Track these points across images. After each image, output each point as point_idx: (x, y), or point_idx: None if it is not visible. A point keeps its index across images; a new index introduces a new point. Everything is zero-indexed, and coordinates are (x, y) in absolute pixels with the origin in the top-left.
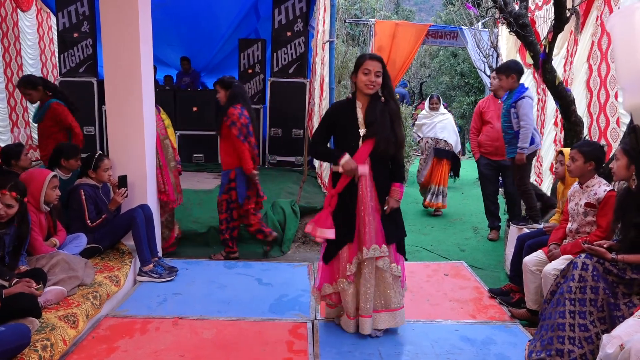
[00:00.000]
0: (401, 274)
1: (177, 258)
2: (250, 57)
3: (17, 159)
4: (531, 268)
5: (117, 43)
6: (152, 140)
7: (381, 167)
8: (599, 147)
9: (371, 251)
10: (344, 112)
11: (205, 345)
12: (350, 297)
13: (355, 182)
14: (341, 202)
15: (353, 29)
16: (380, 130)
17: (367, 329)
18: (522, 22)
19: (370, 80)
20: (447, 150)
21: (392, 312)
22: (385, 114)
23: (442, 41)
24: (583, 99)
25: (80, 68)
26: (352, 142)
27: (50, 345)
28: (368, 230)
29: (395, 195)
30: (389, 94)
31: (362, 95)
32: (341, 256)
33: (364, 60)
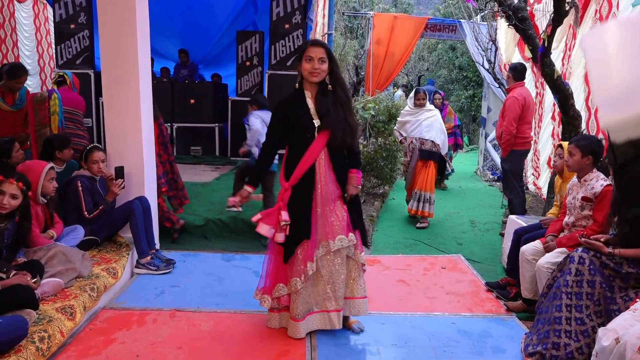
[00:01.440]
0: (364, 261)
1: (175, 250)
2: (248, 49)
3: (8, 156)
4: (528, 257)
5: (114, 34)
6: (149, 131)
7: (339, 156)
8: (597, 141)
9: (337, 242)
10: (294, 104)
11: (203, 337)
12: (303, 297)
13: (312, 174)
14: (296, 196)
15: (351, 21)
16: (335, 122)
17: (338, 323)
18: (521, 16)
19: (313, 67)
20: (434, 152)
21: (352, 300)
22: (336, 103)
23: (441, 34)
24: (581, 92)
25: (77, 60)
26: (307, 134)
27: (47, 337)
28: (332, 221)
29: (354, 181)
30: (336, 82)
31: (309, 84)
32: (295, 254)
33: (307, 47)
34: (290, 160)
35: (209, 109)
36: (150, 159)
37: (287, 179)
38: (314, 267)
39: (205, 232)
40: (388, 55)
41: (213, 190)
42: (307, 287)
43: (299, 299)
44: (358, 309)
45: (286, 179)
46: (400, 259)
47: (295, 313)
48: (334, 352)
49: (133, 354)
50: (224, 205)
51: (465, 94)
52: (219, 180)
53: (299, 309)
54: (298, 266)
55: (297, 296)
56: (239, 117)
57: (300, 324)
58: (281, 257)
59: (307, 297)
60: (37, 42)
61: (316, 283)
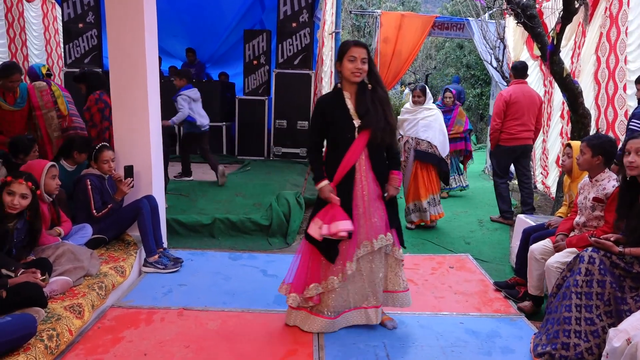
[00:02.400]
0: (403, 257)
1: (182, 249)
2: (256, 48)
3: (27, 154)
4: (537, 256)
5: (122, 33)
6: (157, 130)
7: (378, 156)
8: (608, 141)
9: (379, 241)
10: (333, 105)
11: (210, 336)
12: (340, 295)
13: (352, 174)
14: (339, 195)
15: (359, 20)
16: (375, 120)
17: (376, 318)
18: (529, 13)
19: (356, 67)
20: (431, 154)
21: (396, 294)
22: (375, 102)
23: (449, 33)
24: (591, 91)
25: (86, 58)
26: (347, 134)
27: (56, 335)
28: (374, 222)
29: (395, 182)
30: (376, 82)
31: (349, 84)
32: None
33: (349, 47)
34: (332, 160)
35: (216, 107)
36: (158, 158)
37: (330, 179)
38: (354, 267)
39: (212, 231)
40: (395, 53)
41: (220, 189)
42: (344, 285)
43: (335, 297)
44: (401, 302)
45: (330, 179)
46: (408, 258)
47: (329, 311)
48: (341, 351)
49: (141, 353)
50: (231, 204)
51: (473, 92)
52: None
53: (333, 305)
54: (336, 265)
55: (332, 294)
56: (246, 116)
57: (330, 321)
58: (316, 257)
59: (345, 295)
60: (45, 41)
61: (355, 281)
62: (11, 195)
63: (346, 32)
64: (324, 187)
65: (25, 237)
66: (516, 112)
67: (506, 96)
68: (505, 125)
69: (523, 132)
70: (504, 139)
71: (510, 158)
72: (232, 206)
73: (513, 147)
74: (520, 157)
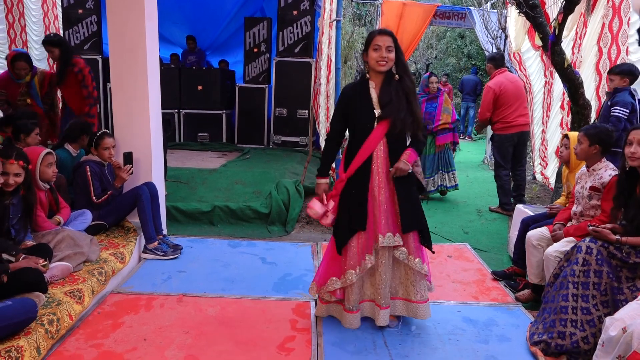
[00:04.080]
0: (425, 270)
1: (182, 236)
2: (256, 35)
3: (27, 134)
4: (533, 242)
5: (122, 20)
6: (157, 117)
7: (398, 148)
8: (605, 130)
9: (386, 239)
10: (357, 94)
11: (209, 322)
12: (357, 289)
13: (369, 165)
14: (352, 186)
15: (360, 8)
16: (396, 110)
17: (384, 320)
18: (531, 3)
19: (381, 56)
20: None
21: (410, 303)
22: (399, 92)
23: (450, 22)
24: (592, 82)
25: (85, 45)
26: (367, 124)
27: (56, 320)
28: (385, 216)
29: (405, 157)
30: (403, 71)
31: (375, 74)
32: (350, 246)
33: (374, 36)
34: (350, 150)
35: (216, 95)
36: (157, 145)
37: (345, 169)
38: (373, 260)
39: (212, 219)
40: None
41: (220, 177)
42: (362, 277)
43: (354, 290)
44: (415, 312)
45: (345, 169)
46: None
47: (351, 305)
48: (339, 338)
49: (140, 338)
50: (230, 192)
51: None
52: (226, 166)
53: (353, 299)
54: (353, 259)
55: (351, 288)
56: (246, 104)
57: (355, 315)
58: (335, 250)
59: (360, 287)
60: (45, 27)
61: (372, 274)
62: (5, 175)
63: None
64: (322, 184)
65: (22, 213)
66: (507, 100)
67: (495, 88)
68: (500, 115)
69: (518, 117)
70: (501, 128)
71: (510, 146)
72: (232, 194)
73: (511, 134)
74: (518, 144)
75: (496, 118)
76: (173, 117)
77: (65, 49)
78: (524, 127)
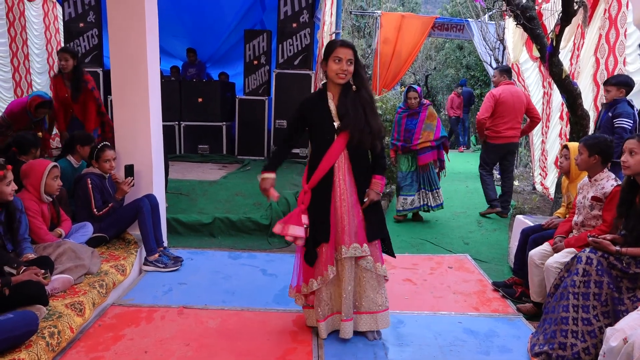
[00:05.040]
0: (387, 273)
1: (182, 248)
2: (256, 48)
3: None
4: (537, 262)
5: (123, 33)
6: (158, 130)
7: (360, 160)
8: (604, 140)
9: (351, 250)
10: (315, 105)
11: (210, 334)
12: (324, 299)
13: (331, 177)
14: (315, 198)
15: (359, 20)
16: (354, 122)
17: (348, 332)
18: (529, 15)
19: (342, 69)
20: None
21: (374, 314)
22: (357, 104)
23: (448, 34)
24: (590, 92)
25: (86, 58)
26: (327, 136)
27: (57, 333)
28: (347, 228)
29: (376, 187)
30: (360, 83)
31: (334, 85)
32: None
33: (335, 47)
34: (312, 162)
35: (216, 107)
36: (158, 157)
37: (308, 180)
38: (335, 271)
39: (212, 230)
40: (395, 54)
41: (220, 189)
42: (327, 288)
43: (321, 299)
44: (381, 322)
45: (307, 181)
46: (407, 258)
47: (318, 313)
48: (340, 350)
49: (141, 350)
50: (230, 204)
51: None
52: (226, 178)
53: (320, 309)
54: (317, 268)
55: (318, 297)
56: (246, 116)
57: (322, 324)
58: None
59: (327, 299)
60: (46, 40)
61: (337, 285)
62: (7, 185)
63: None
64: (266, 178)
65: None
66: (503, 111)
67: (496, 94)
68: (493, 123)
69: (508, 130)
70: (492, 137)
71: (497, 155)
72: (232, 206)
73: (500, 145)
74: (507, 154)
75: (488, 125)
76: (173, 129)
77: (79, 63)
78: (511, 139)
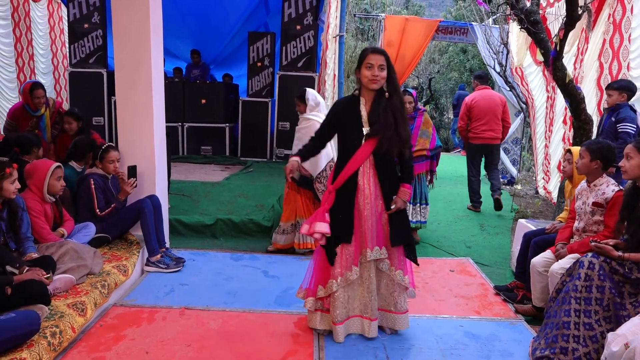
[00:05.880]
0: (406, 282)
1: (185, 249)
2: (260, 50)
3: (27, 153)
4: (539, 269)
5: (128, 34)
6: (161, 131)
7: (386, 166)
8: (607, 146)
9: (374, 253)
10: (348, 110)
11: (211, 335)
12: (342, 301)
13: (355, 180)
14: (339, 199)
15: (363, 23)
16: (383, 129)
17: (374, 331)
18: (533, 19)
19: (373, 74)
20: (304, 179)
21: (389, 314)
22: (388, 111)
23: (452, 37)
24: (593, 97)
25: (90, 59)
26: (355, 141)
27: (59, 332)
28: (371, 232)
29: (404, 195)
30: (393, 90)
31: (367, 91)
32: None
33: (367, 54)
34: (339, 164)
35: (220, 109)
36: (161, 158)
37: (333, 181)
38: (358, 272)
39: (214, 232)
40: (399, 57)
41: (223, 190)
42: (347, 290)
43: (338, 302)
44: (394, 323)
45: (332, 182)
46: (409, 261)
47: (335, 316)
48: (341, 352)
49: (143, 351)
50: (233, 205)
51: None
52: (228, 180)
53: (338, 312)
54: (336, 269)
55: (335, 299)
56: (249, 118)
57: (339, 328)
58: (323, 260)
59: (345, 301)
60: (51, 41)
61: (356, 288)
62: (12, 183)
63: (350, 35)
64: (294, 160)
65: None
66: (478, 113)
67: (468, 101)
68: (472, 126)
69: (486, 131)
70: (472, 138)
71: (479, 154)
72: (234, 207)
73: (480, 145)
74: (488, 154)
75: (469, 127)
76: (176, 130)
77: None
78: (490, 141)
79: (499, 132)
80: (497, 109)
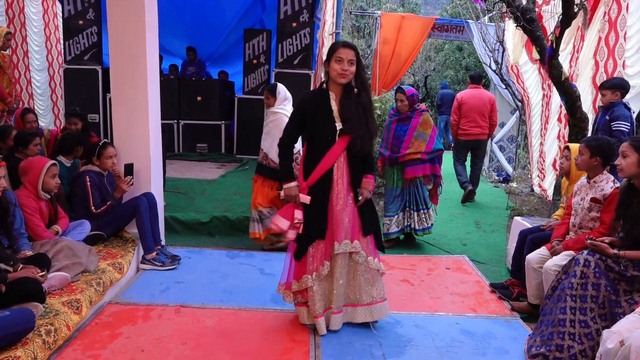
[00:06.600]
0: (381, 267)
1: (180, 247)
2: (255, 47)
3: (25, 147)
4: (534, 266)
5: (123, 30)
6: (157, 128)
7: (356, 160)
8: (607, 142)
9: (342, 246)
10: (317, 104)
11: (207, 333)
12: (319, 294)
13: (330, 176)
14: (313, 196)
15: (359, 21)
16: (357, 127)
17: (337, 324)
18: (529, 17)
19: (342, 68)
20: (264, 165)
21: (369, 306)
22: (359, 108)
23: (448, 35)
24: (589, 95)
25: (85, 55)
26: (328, 137)
27: (54, 330)
28: (342, 225)
29: (368, 186)
30: (362, 86)
31: (335, 85)
32: (308, 253)
33: (337, 47)
34: (310, 160)
35: (215, 106)
36: (157, 156)
37: (305, 178)
38: (329, 266)
39: (210, 229)
40: (395, 55)
41: (219, 187)
42: (321, 284)
43: (316, 296)
44: (380, 313)
45: (304, 179)
46: (405, 259)
47: (314, 310)
48: (337, 350)
49: (138, 349)
50: (229, 203)
51: None
52: (224, 177)
53: (317, 305)
54: (310, 264)
55: (312, 293)
56: (245, 115)
57: (319, 320)
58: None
59: (323, 294)
60: (45, 37)
61: (329, 281)
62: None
63: (346, 33)
64: (292, 187)
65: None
66: (466, 110)
67: (458, 97)
68: (460, 122)
69: (473, 128)
70: (460, 134)
71: (466, 149)
72: (230, 205)
73: (467, 140)
74: (474, 149)
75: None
76: (172, 128)
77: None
78: (478, 136)
79: (486, 128)
80: (485, 107)
